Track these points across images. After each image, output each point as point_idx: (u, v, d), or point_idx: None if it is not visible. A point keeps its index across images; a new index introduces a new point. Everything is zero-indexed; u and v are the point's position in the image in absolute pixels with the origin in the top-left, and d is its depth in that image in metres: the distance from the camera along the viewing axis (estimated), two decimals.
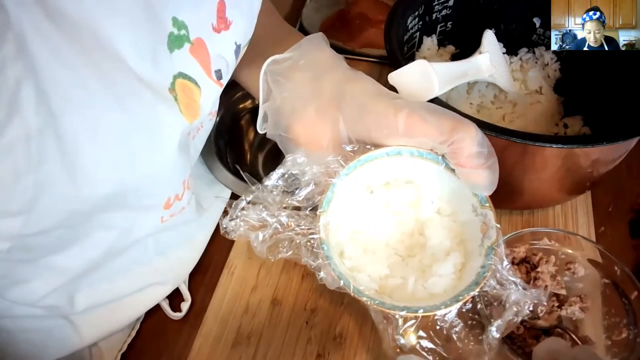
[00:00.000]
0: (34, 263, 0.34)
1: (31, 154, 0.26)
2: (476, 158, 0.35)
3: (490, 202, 0.37)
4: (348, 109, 0.38)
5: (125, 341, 0.48)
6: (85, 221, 0.33)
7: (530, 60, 0.60)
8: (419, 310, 0.33)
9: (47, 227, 0.30)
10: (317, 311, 0.49)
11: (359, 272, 0.37)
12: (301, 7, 0.81)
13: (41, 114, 0.26)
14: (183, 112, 0.35)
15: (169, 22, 0.32)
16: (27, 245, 0.31)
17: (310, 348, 0.47)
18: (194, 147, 0.43)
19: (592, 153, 0.45)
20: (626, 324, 0.44)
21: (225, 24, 0.37)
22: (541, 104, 0.57)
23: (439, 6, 0.59)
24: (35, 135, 0.26)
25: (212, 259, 0.54)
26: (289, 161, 0.38)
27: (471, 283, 0.34)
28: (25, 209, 0.28)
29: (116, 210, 0.35)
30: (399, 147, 0.38)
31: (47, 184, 0.28)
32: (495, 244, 0.35)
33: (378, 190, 0.41)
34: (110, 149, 0.30)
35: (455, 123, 0.35)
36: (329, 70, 0.41)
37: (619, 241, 0.55)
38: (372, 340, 0.47)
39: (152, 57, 0.31)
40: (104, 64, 0.28)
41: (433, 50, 0.61)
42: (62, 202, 0.30)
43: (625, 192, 0.60)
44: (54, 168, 0.28)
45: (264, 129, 0.44)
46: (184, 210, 0.42)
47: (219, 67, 0.38)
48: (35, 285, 0.36)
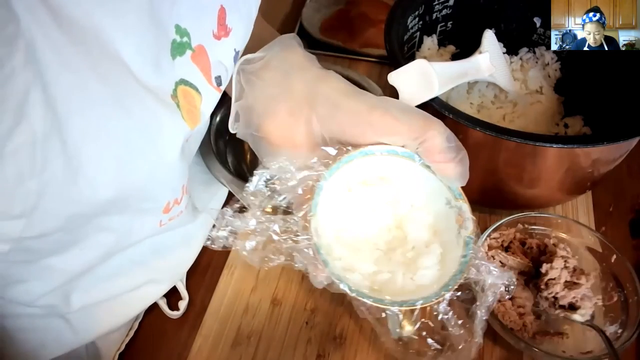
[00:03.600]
0: (33, 264, 0.34)
1: (36, 158, 0.27)
2: (447, 153, 0.37)
3: (464, 195, 0.38)
4: (321, 107, 0.38)
5: (123, 341, 0.48)
6: (86, 224, 0.33)
7: (530, 60, 0.60)
8: (417, 303, 0.34)
9: (48, 230, 0.31)
10: (317, 311, 0.49)
11: (353, 272, 0.38)
12: (301, 7, 0.81)
13: (48, 119, 0.26)
14: (185, 118, 0.35)
15: (172, 29, 0.33)
16: (27, 247, 0.31)
17: (310, 348, 0.47)
18: (188, 151, 0.43)
19: (592, 153, 0.45)
20: (613, 286, 0.48)
21: (225, 31, 0.37)
22: (541, 104, 0.57)
23: (439, 6, 0.59)
24: (41, 140, 0.26)
25: (212, 259, 0.54)
26: (272, 165, 0.38)
27: (456, 272, 0.36)
28: (27, 212, 0.28)
29: (116, 213, 0.35)
30: (374, 146, 0.38)
31: (49, 187, 0.28)
32: (473, 234, 0.37)
33: (356, 188, 0.41)
34: (113, 153, 0.31)
35: (425, 121, 0.37)
36: (301, 70, 0.41)
37: (620, 241, 0.55)
38: (372, 340, 0.47)
39: (155, 63, 0.31)
40: (109, 69, 0.29)
41: (433, 50, 0.61)
42: (63, 206, 0.30)
43: (626, 192, 0.60)
44: (57, 172, 0.28)
45: (236, 128, 0.44)
46: (181, 214, 0.42)
47: (219, 73, 0.38)
48: (33, 285, 0.36)
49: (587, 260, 0.49)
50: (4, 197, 0.26)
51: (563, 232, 0.51)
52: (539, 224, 0.52)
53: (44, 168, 0.27)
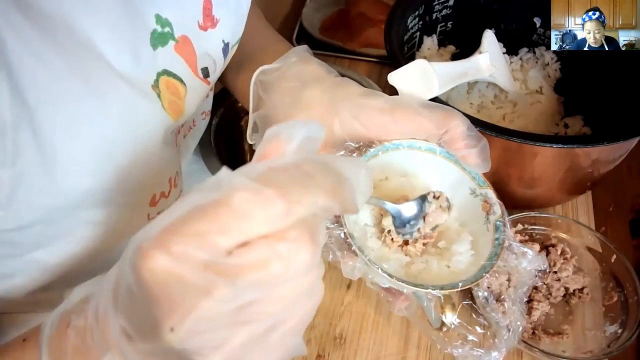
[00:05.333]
0: (17, 258, 0.34)
1: (6, 148, 0.26)
2: (470, 141, 0.38)
3: (488, 182, 0.39)
4: (344, 110, 0.39)
5: None
6: (68, 217, 0.33)
7: (530, 60, 0.60)
8: (458, 285, 0.34)
9: (26, 222, 0.30)
10: (317, 311, 0.48)
11: (388, 261, 0.38)
12: (301, 7, 0.81)
13: (16, 107, 0.26)
14: (166, 109, 0.35)
15: (151, 19, 0.33)
16: (8, 240, 0.31)
17: (310, 348, 0.47)
18: (185, 146, 0.43)
19: (592, 153, 0.45)
20: (613, 286, 0.48)
21: (212, 22, 0.37)
22: (541, 104, 0.57)
23: (439, 6, 0.59)
24: (10, 129, 0.26)
25: None
26: None
27: (491, 254, 0.36)
28: (2, 204, 0.28)
29: (99, 206, 0.35)
30: (398, 141, 0.39)
31: (24, 178, 0.28)
32: (502, 218, 0.38)
33: (380, 182, 0.42)
34: (88, 143, 0.30)
35: (447, 113, 0.38)
36: (318, 79, 0.42)
37: (620, 241, 0.55)
38: (372, 340, 0.47)
39: (132, 53, 0.31)
40: (82, 59, 0.28)
41: (433, 50, 0.61)
42: (40, 197, 0.29)
43: (626, 192, 0.60)
44: (31, 162, 0.28)
45: (254, 139, 0.45)
46: None
47: (206, 65, 0.38)
48: (19, 280, 0.35)
49: (587, 260, 0.50)
50: None
51: (563, 232, 0.51)
52: (539, 224, 0.52)
53: (16, 158, 0.27)
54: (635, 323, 0.44)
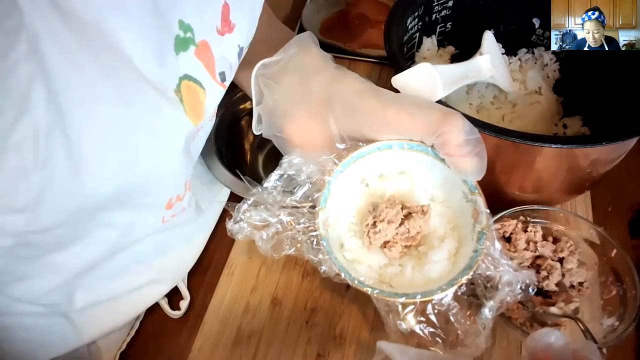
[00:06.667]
0: (36, 260, 0.34)
1: (39, 151, 0.27)
2: (464, 147, 0.36)
3: (479, 189, 0.38)
4: (338, 108, 0.39)
5: (124, 340, 0.48)
6: (88, 219, 0.34)
7: (529, 60, 0.61)
8: (417, 296, 0.35)
9: (51, 225, 0.31)
10: (317, 311, 0.49)
11: (360, 264, 0.39)
12: (301, 7, 0.81)
13: (50, 112, 0.26)
14: (188, 113, 0.35)
15: (175, 24, 0.33)
16: (30, 242, 0.31)
17: (310, 348, 0.47)
18: (195, 148, 0.43)
19: (591, 153, 0.45)
20: (612, 280, 0.47)
21: (229, 27, 0.38)
22: (540, 104, 0.57)
23: (438, 7, 0.59)
24: (44, 133, 0.26)
25: (212, 259, 0.54)
26: (285, 163, 0.40)
27: (465, 267, 0.36)
28: (30, 206, 0.28)
29: (118, 209, 0.35)
30: (390, 141, 0.39)
31: (52, 181, 0.28)
32: (486, 229, 0.37)
33: (373, 182, 0.42)
34: (115, 147, 0.31)
35: (442, 115, 0.37)
36: (317, 71, 0.42)
37: (619, 241, 0.54)
38: (372, 340, 0.47)
39: (158, 58, 0.31)
40: (111, 63, 0.29)
41: (433, 51, 0.61)
42: (66, 200, 0.30)
43: (625, 192, 0.60)
44: (60, 165, 0.28)
45: (259, 130, 0.46)
46: (184, 211, 0.43)
47: (223, 69, 0.39)
48: (37, 282, 0.36)
49: (586, 253, 0.49)
50: (8, 190, 0.27)
51: (563, 225, 0.51)
52: (539, 217, 0.51)
53: (47, 161, 0.27)
54: (632, 316, 0.44)
